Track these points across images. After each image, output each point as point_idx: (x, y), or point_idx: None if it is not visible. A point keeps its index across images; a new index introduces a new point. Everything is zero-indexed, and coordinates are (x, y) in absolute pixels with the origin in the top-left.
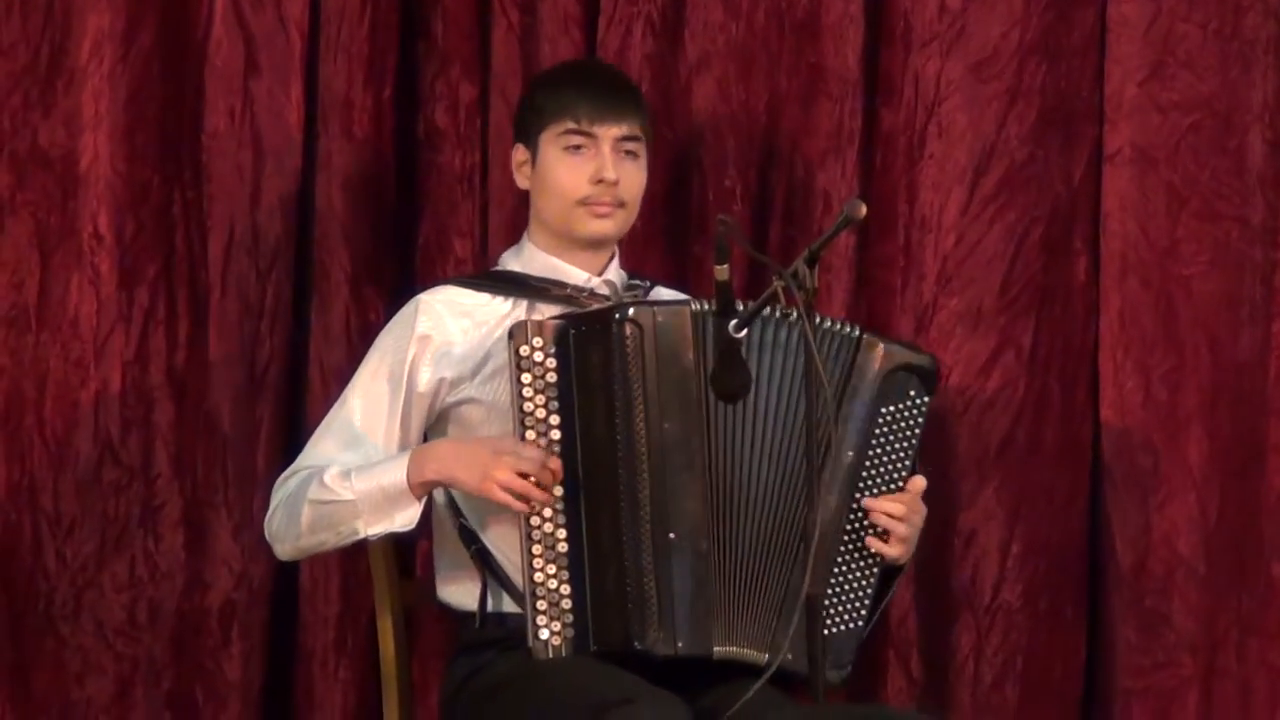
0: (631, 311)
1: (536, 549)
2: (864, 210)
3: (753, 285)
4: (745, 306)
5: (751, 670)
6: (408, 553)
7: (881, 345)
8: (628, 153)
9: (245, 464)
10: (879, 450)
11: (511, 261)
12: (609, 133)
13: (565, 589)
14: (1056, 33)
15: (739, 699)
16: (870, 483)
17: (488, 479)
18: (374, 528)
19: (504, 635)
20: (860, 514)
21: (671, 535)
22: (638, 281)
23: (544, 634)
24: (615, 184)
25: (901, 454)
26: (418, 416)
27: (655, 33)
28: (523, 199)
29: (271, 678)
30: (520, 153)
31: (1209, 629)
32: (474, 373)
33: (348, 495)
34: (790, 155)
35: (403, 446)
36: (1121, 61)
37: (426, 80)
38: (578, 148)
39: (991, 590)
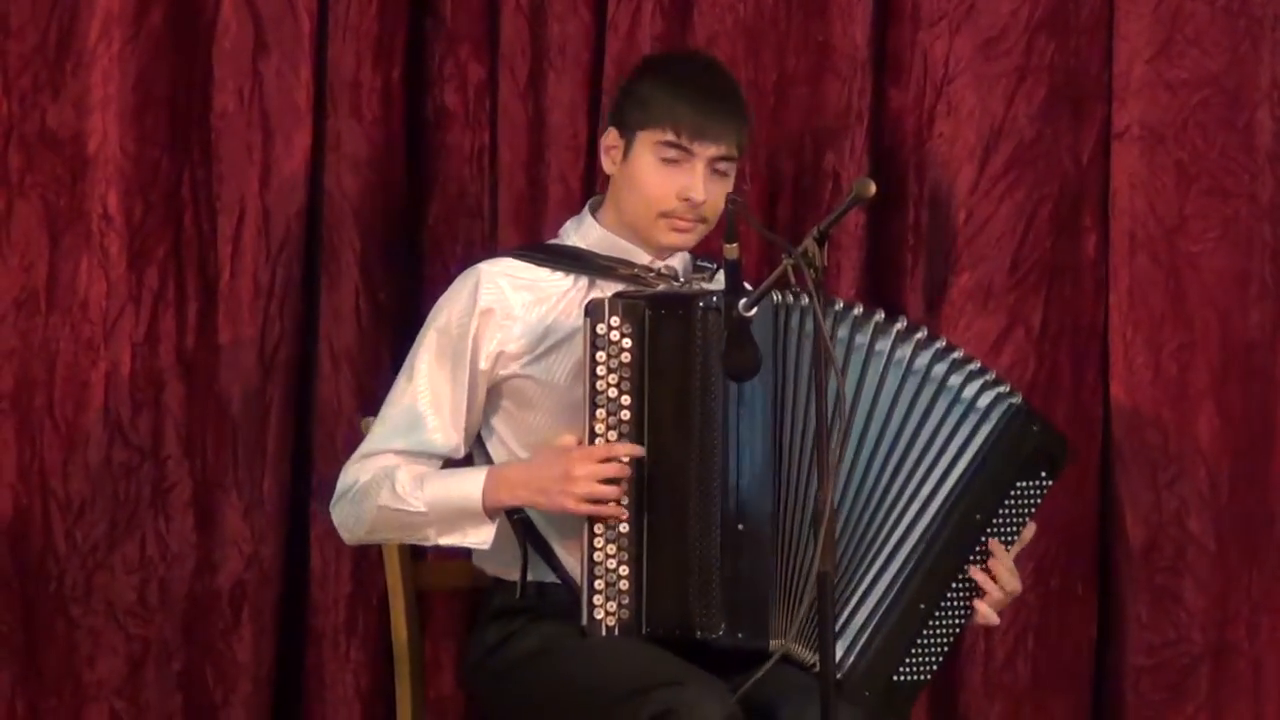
0: (715, 300)
1: (598, 528)
2: (873, 189)
3: (763, 265)
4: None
5: (796, 665)
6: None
7: (1038, 424)
8: (720, 172)
9: (255, 445)
10: (1000, 522)
11: (572, 234)
12: (706, 151)
13: (624, 569)
14: (1065, 10)
15: (776, 690)
16: (981, 551)
17: (572, 499)
18: (446, 538)
19: (539, 605)
20: (965, 578)
21: (740, 526)
22: (705, 264)
23: (599, 614)
24: (702, 204)
25: (1015, 529)
26: (481, 392)
27: (664, 12)
28: (534, 179)
29: (282, 659)
30: (613, 137)
31: (1220, 606)
32: (531, 348)
33: (419, 506)
34: (799, 134)
35: (469, 427)
36: (1130, 39)
37: (435, 60)
38: (674, 159)
39: None
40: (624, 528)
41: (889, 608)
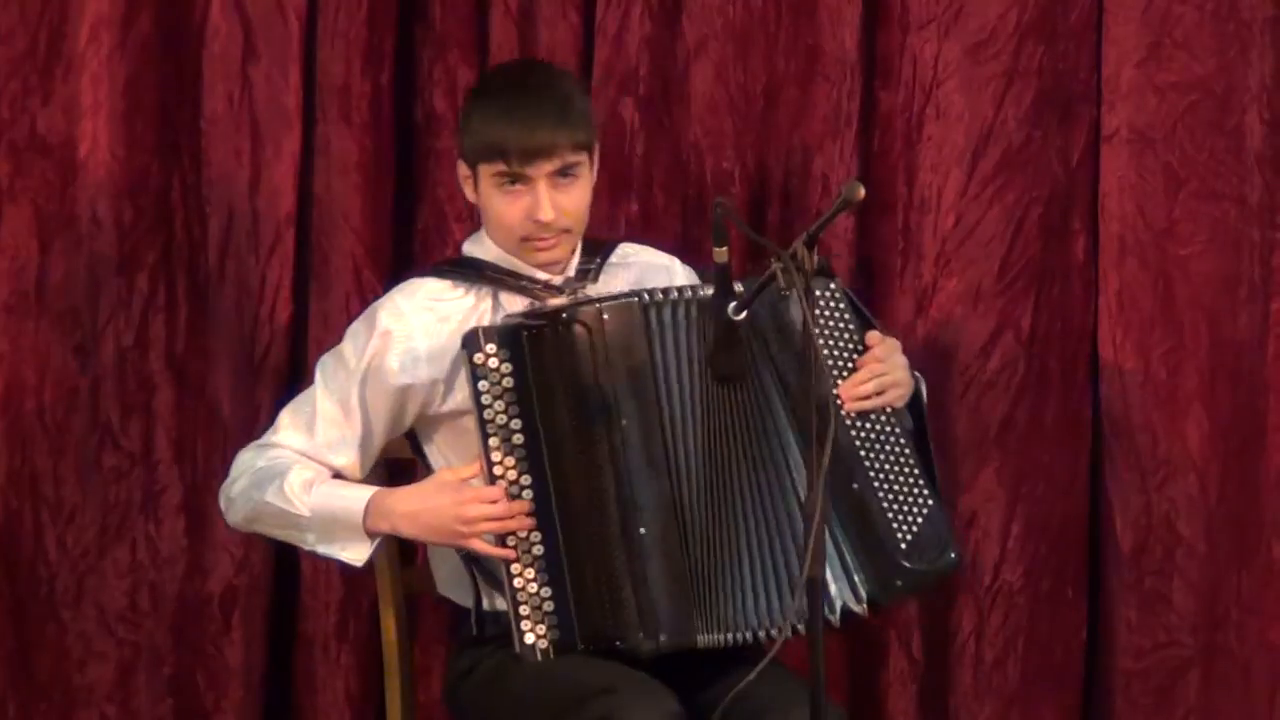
0: (579, 313)
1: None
2: (862, 192)
3: (751, 268)
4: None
5: (751, 661)
6: (410, 540)
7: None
8: (566, 176)
9: None
10: (834, 352)
11: (475, 250)
12: (542, 170)
13: (546, 591)
14: (1054, 14)
15: (742, 694)
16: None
17: (460, 538)
18: (321, 548)
19: (500, 633)
20: (854, 417)
21: (641, 530)
22: (588, 266)
23: (529, 638)
24: (554, 220)
25: (843, 343)
26: (381, 413)
27: (653, 15)
28: None
29: (273, 663)
30: (463, 169)
31: (1209, 609)
32: (449, 381)
33: (304, 511)
34: (788, 137)
35: (364, 434)
36: (1119, 43)
37: (424, 65)
38: (513, 185)
39: (992, 571)
40: (538, 549)
41: (845, 519)
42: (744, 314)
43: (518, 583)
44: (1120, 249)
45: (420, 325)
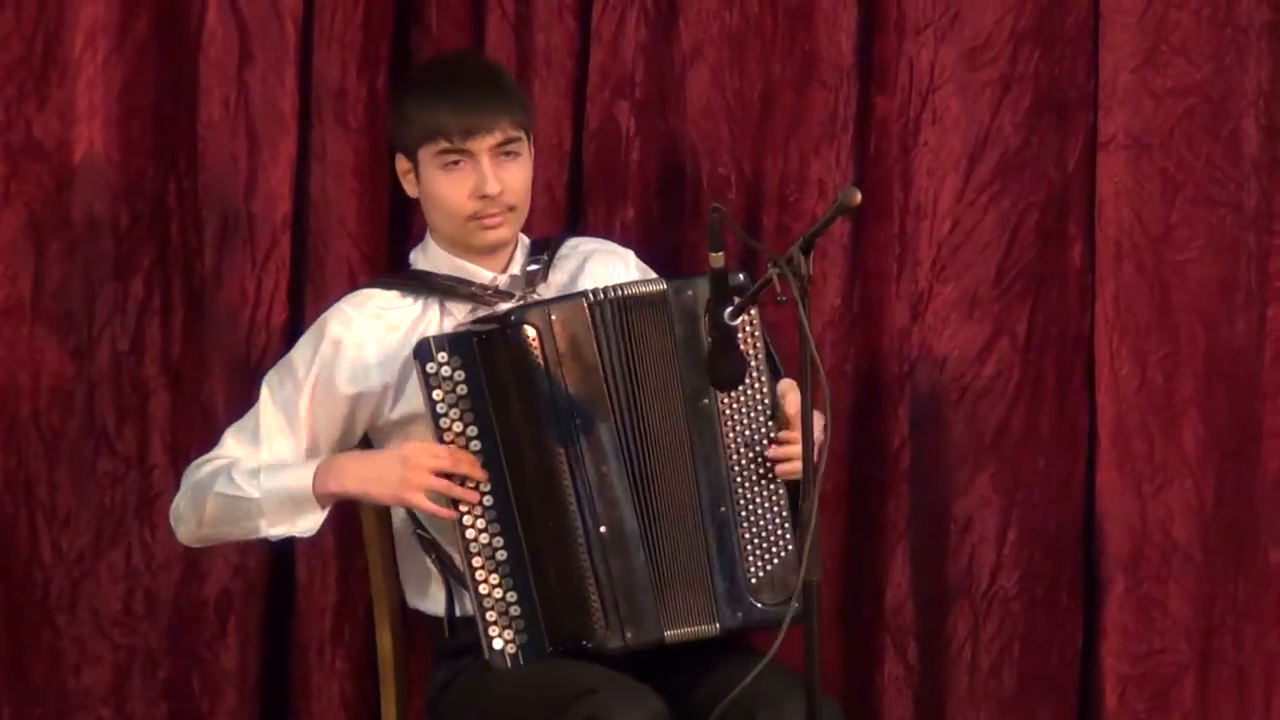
0: (527, 315)
1: (477, 560)
2: (858, 198)
3: (747, 273)
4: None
5: (734, 656)
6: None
7: (682, 285)
8: (507, 154)
9: None
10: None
11: (420, 260)
12: (483, 144)
13: (512, 596)
14: (1050, 19)
15: (727, 692)
16: (736, 417)
17: (408, 487)
18: (276, 529)
19: (475, 639)
20: (740, 449)
21: (602, 529)
22: (535, 265)
23: (497, 644)
24: (500, 194)
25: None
26: (328, 422)
27: (649, 21)
28: None
29: (268, 668)
30: (403, 163)
31: (1205, 615)
32: (399, 387)
33: (253, 494)
34: (784, 143)
35: (311, 445)
36: (1115, 48)
37: None
38: (455, 163)
39: (988, 577)
40: (501, 554)
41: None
42: (739, 320)
43: (483, 589)
44: (1116, 254)
45: (370, 332)
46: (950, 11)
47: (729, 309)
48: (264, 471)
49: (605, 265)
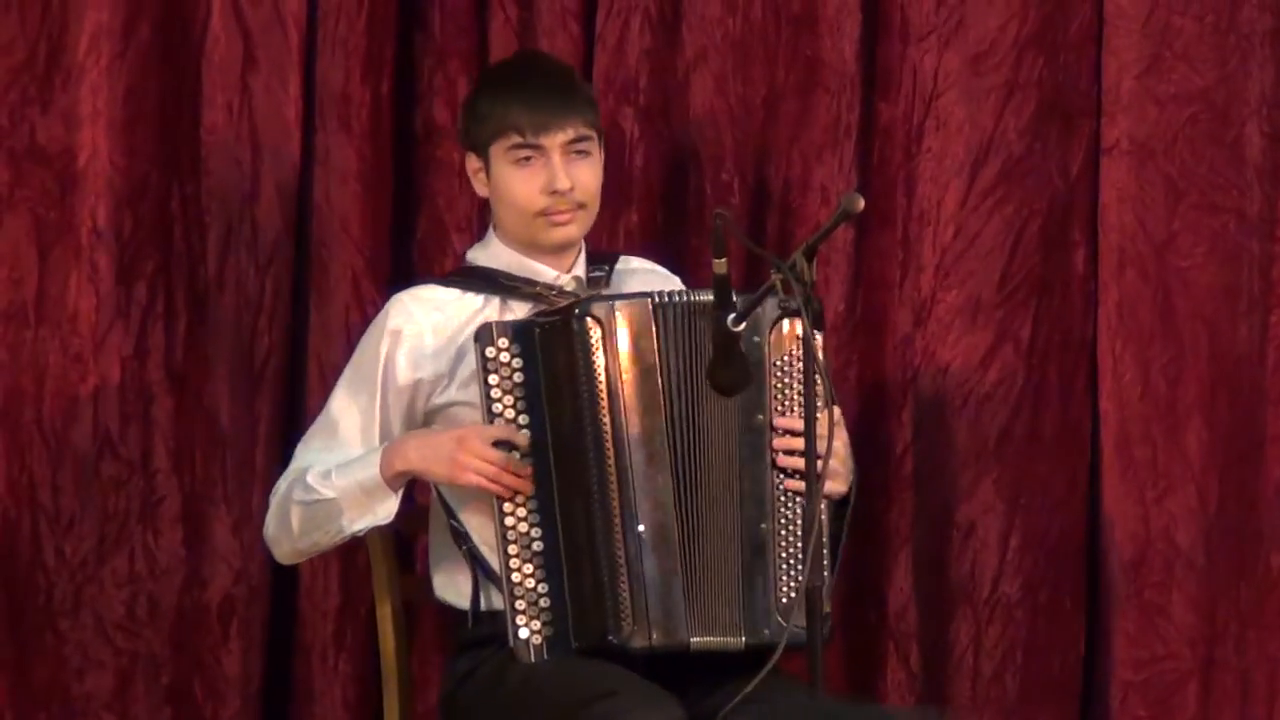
0: (592, 308)
1: (513, 549)
2: (862, 204)
3: (750, 279)
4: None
5: (752, 670)
6: (407, 547)
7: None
8: (579, 153)
9: (244, 459)
10: (780, 398)
11: (480, 257)
12: (555, 140)
13: (543, 587)
14: (1054, 26)
15: (749, 698)
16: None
17: (457, 464)
18: (358, 523)
19: (498, 633)
20: (787, 470)
21: (641, 529)
22: (598, 273)
23: (523, 633)
24: (570, 190)
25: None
26: (397, 412)
27: (653, 27)
28: None
29: (271, 672)
30: (473, 161)
31: (1208, 621)
32: (451, 373)
33: (329, 494)
34: (788, 149)
35: (384, 439)
36: (1119, 54)
37: (424, 75)
38: (527, 159)
39: (991, 583)
40: (537, 545)
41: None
42: (742, 325)
43: (515, 577)
44: (1120, 261)
45: (429, 323)
46: (954, 18)
47: (731, 315)
48: (335, 471)
49: (658, 287)
